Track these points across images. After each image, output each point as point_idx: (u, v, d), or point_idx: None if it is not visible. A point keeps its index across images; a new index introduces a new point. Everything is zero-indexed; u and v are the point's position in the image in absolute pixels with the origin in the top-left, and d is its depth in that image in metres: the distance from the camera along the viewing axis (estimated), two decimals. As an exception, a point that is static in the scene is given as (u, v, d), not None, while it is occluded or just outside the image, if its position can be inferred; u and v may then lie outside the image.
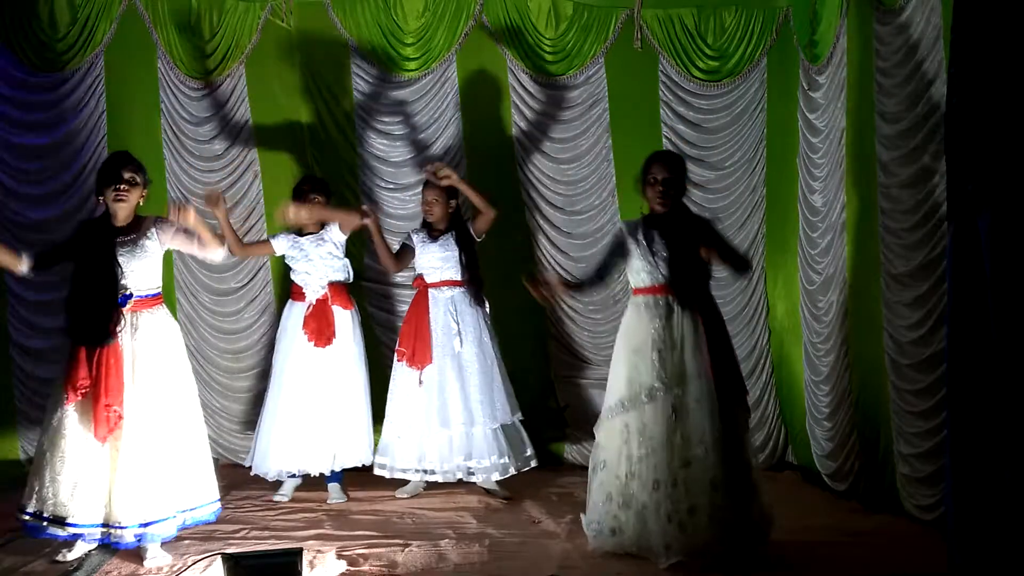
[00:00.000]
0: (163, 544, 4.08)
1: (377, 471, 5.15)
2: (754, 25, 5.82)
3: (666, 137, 5.87)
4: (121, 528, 3.90)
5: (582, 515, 4.37)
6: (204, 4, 5.73)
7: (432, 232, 5.21)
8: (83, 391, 3.93)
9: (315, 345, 5.02)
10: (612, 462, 4.17)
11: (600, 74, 5.87)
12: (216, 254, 4.30)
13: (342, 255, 5.18)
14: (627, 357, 4.20)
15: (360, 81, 5.82)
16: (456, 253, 5.13)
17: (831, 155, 5.18)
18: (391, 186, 5.87)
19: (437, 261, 5.15)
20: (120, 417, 3.92)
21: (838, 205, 5.11)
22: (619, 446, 4.14)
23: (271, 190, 5.82)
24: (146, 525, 3.94)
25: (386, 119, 5.85)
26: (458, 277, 5.16)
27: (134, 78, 5.76)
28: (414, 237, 5.23)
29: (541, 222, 5.90)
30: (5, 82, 5.63)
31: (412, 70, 5.83)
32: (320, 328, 5.03)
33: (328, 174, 5.67)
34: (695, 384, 4.05)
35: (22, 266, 4.06)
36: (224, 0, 5.73)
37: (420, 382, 5.07)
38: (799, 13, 5.61)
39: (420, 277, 5.23)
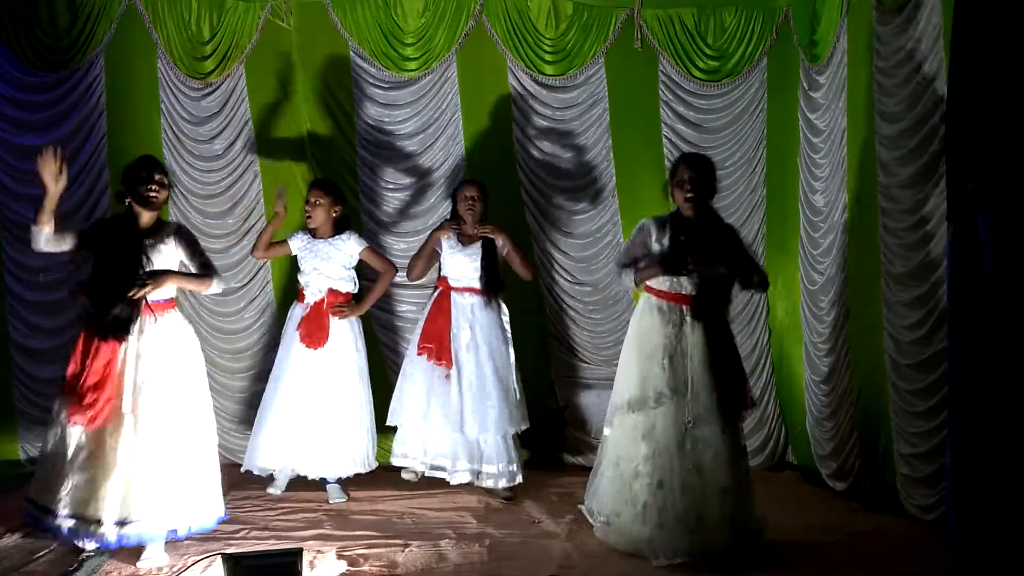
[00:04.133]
0: (165, 544, 4.07)
1: (394, 461, 5.21)
2: (754, 25, 5.82)
3: (666, 137, 5.88)
4: (100, 524, 3.88)
5: (581, 507, 4.46)
6: (204, 4, 5.73)
7: (462, 237, 5.21)
8: (72, 384, 3.94)
9: (306, 347, 5.02)
10: (622, 459, 4.22)
11: (600, 74, 5.87)
12: (211, 288, 4.33)
13: (351, 267, 5.18)
14: (639, 359, 4.24)
15: (360, 81, 5.82)
16: (481, 264, 5.16)
17: (832, 155, 5.18)
18: (391, 186, 5.87)
19: (467, 269, 5.17)
20: (90, 407, 3.88)
21: (839, 205, 5.12)
22: (627, 445, 4.21)
23: (271, 190, 5.81)
24: (126, 524, 3.90)
25: (386, 119, 5.85)
26: (479, 286, 5.20)
27: (134, 78, 5.76)
28: (443, 241, 5.24)
29: (542, 222, 5.90)
30: (5, 82, 5.63)
31: (412, 70, 5.83)
32: (312, 330, 5.03)
33: (328, 174, 5.67)
34: (704, 393, 4.09)
35: (67, 243, 4.06)
36: (224, 0, 5.73)
37: (447, 377, 5.11)
38: (799, 13, 5.62)
39: (444, 279, 5.25)
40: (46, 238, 4.00)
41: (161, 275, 4.07)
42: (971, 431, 3.28)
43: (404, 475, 5.24)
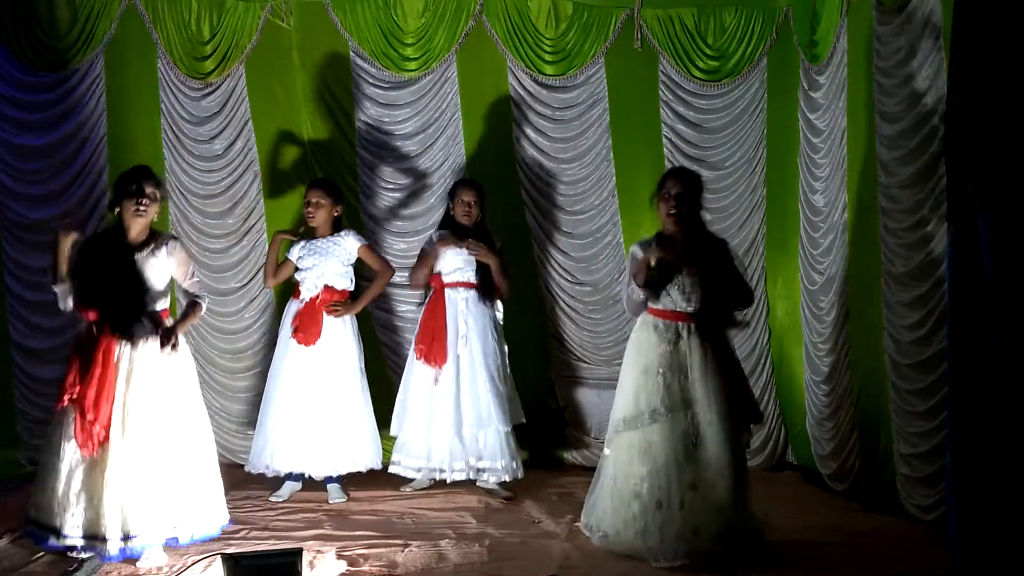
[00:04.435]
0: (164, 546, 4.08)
1: (392, 468, 5.21)
2: (754, 25, 5.82)
3: (666, 137, 5.87)
4: (106, 540, 3.88)
5: (578, 524, 4.45)
6: (204, 4, 5.73)
7: (456, 234, 5.22)
8: (71, 399, 3.93)
9: (298, 343, 5.03)
10: (619, 478, 4.22)
11: (600, 74, 5.87)
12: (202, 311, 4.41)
13: (349, 264, 5.19)
14: (634, 376, 4.23)
15: (360, 81, 5.82)
16: (475, 260, 5.17)
17: (832, 155, 5.18)
18: (391, 186, 5.87)
19: (460, 262, 5.19)
20: (102, 434, 3.89)
21: (839, 205, 5.11)
22: (624, 464, 4.20)
23: (271, 190, 5.82)
24: (130, 538, 3.90)
25: (386, 119, 5.85)
26: (474, 280, 5.20)
27: (134, 78, 5.76)
28: (435, 236, 5.25)
29: (542, 222, 5.90)
30: (5, 82, 5.63)
31: (412, 70, 5.83)
32: (305, 326, 5.03)
33: (328, 174, 5.67)
34: (704, 409, 4.08)
35: (67, 303, 4.03)
36: (224, 0, 5.73)
37: (436, 380, 5.11)
38: (799, 13, 5.62)
39: (437, 276, 5.25)
40: (65, 293, 4.00)
41: (173, 330, 4.10)
42: (971, 431, 3.28)
43: (405, 489, 5.22)
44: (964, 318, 3.29)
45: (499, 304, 5.32)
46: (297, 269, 5.18)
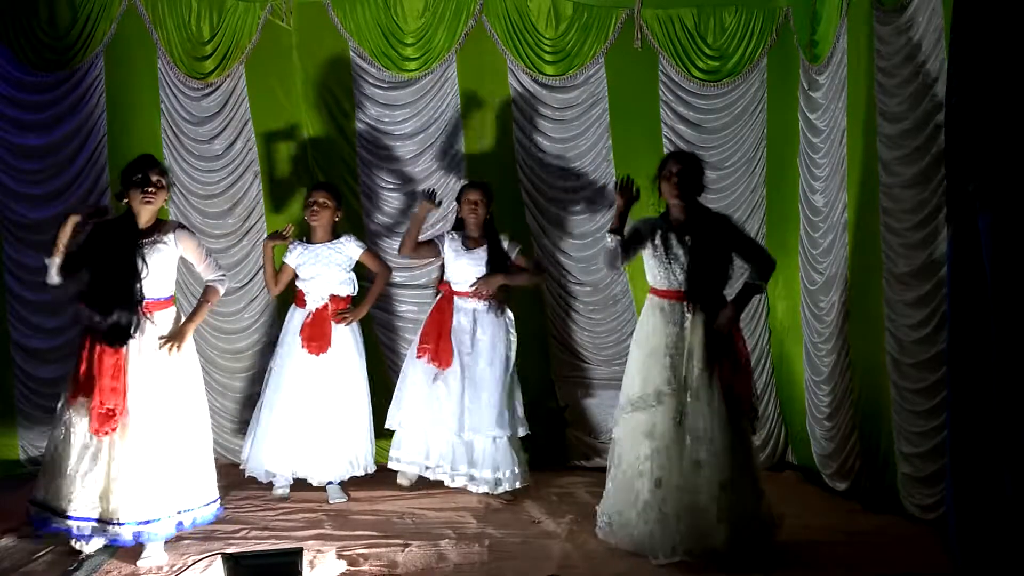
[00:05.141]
0: (164, 544, 4.09)
1: (391, 464, 5.23)
2: (754, 25, 5.82)
3: (666, 137, 5.87)
4: (119, 525, 3.93)
5: (597, 507, 4.44)
6: (204, 4, 5.73)
7: (467, 241, 5.24)
8: (84, 388, 3.97)
9: (309, 352, 5.04)
10: (625, 459, 4.25)
11: (600, 74, 5.87)
12: (221, 294, 4.43)
13: (350, 269, 5.20)
14: (642, 359, 4.27)
15: (360, 81, 5.82)
16: (485, 269, 5.18)
17: (832, 155, 5.19)
18: (391, 186, 5.87)
19: (470, 274, 5.19)
20: (112, 415, 3.94)
21: (839, 205, 5.12)
22: (630, 445, 4.24)
23: (271, 190, 5.82)
24: (145, 523, 3.96)
25: (386, 119, 5.85)
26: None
27: (134, 78, 5.75)
28: (447, 243, 5.27)
29: (542, 222, 5.90)
30: (5, 82, 5.62)
31: (412, 70, 5.83)
32: (314, 336, 5.05)
33: (328, 174, 5.68)
34: (705, 390, 4.10)
35: (53, 276, 4.08)
36: (224, 0, 5.73)
37: (435, 379, 5.12)
38: (799, 13, 5.62)
39: (447, 283, 5.27)
40: (58, 268, 4.05)
41: (182, 331, 4.15)
42: (971, 431, 3.28)
43: (399, 480, 5.25)
44: (964, 319, 3.29)
45: (510, 313, 5.30)
46: (297, 277, 5.18)
